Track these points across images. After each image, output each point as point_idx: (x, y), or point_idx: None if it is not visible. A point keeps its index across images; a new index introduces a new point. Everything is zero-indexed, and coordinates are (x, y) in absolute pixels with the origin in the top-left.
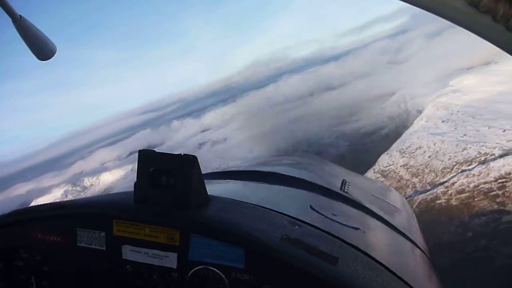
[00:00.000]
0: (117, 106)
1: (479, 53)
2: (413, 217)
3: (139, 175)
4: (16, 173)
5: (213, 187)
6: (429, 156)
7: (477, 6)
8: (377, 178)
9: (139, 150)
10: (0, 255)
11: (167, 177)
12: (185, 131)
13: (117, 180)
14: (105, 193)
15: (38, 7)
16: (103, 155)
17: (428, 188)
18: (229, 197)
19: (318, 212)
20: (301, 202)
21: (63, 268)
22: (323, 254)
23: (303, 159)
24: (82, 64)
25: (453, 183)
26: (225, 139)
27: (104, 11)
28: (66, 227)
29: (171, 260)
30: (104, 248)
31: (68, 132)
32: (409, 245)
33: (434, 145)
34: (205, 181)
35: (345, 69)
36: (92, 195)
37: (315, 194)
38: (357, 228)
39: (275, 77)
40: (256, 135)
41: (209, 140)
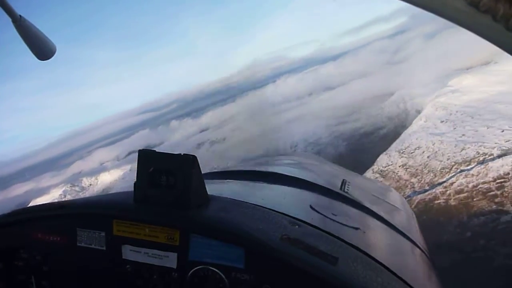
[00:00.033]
0: (116, 106)
1: (478, 53)
2: (413, 217)
3: (139, 175)
4: (15, 173)
5: (213, 187)
6: (428, 156)
7: (477, 6)
8: (376, 178)
9: (139, 150)
10: (0, 255)
11: (167, 177)
12: (183, 131)
13: (116, 180)
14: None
15: (38, 7)
16: (101, 155)
17: (427, 188)
18: (229, 197)
19: (318, 212)
20: (301, 202)
21: (63, 268)
22: (323, 254)
23: (303, 159)
24: (81, 64)
25: (452, 183)
26: (224, 139)
27: (104, 11)
28: (66, 227)
29: (171, 260)
30: (104, 248)
31: (67, 132)
32: (409, 245)
33: (433, 145)
34: (205, 181)
35: (344, 69)
36: (91, 195)
37: (315, 194)
38: (357, 228)
39: (274, 77)
40: (255, 135)
41: (207, 140)
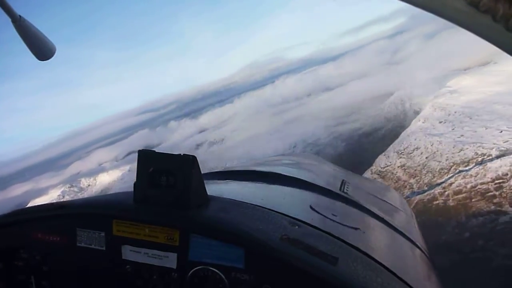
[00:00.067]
0: (115, 106)
1: (477, 53)
2: (412, 217)
3: (139, 175)
4: (15, 173)
5: (212, 187)
6: (427, 157)
7: (477, 6)
8: (374, 179)
9: (139, 150)
10: (0, 255)
11: (167, 177)
12: (182, 131)
13: (114, 181)
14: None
15: (37, 7)
16: (100, 155)
17: (426, 188)
18: (229, 197)
19: (318, 212)
20: (301, 202)
21: (63, 268)
22: (323, 254)
23: (302, 159)
24: (81, 64)
25: (450, 184)
26: (223, 139)
27: (103, 11)
28: (66, 227)
29: (171, 260)
30: (104, 248)
31: (66, 132)
32: (409, 245)
33: (431, 146)
34: (204, 181)
35: (343, 70)
36: (90, 196)
37: (315, 194)
38: (357, 228)
39: (272, 78)
40: (254, 136)
41: (206, 141)
